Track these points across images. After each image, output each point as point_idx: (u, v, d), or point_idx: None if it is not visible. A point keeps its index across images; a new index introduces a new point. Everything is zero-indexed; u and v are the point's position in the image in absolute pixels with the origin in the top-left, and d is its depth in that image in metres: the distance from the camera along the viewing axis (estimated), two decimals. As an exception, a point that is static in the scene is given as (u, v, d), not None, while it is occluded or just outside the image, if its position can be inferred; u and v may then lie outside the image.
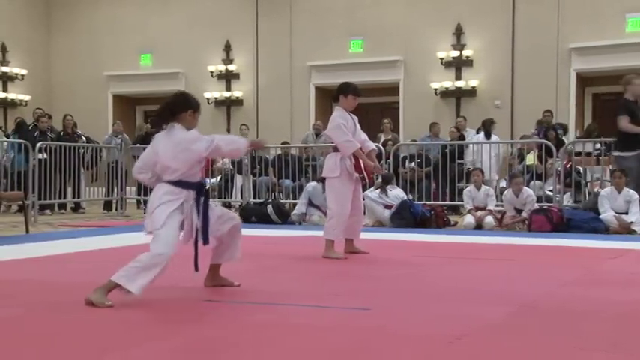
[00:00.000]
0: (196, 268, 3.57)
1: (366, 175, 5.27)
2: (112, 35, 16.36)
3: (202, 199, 3.50)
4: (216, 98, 15.56)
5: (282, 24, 15.05)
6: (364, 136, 5.47)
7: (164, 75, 15.79)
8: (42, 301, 3.49)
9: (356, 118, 5.48)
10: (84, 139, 11.73)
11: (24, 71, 16.16)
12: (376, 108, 14.96)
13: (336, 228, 5.24)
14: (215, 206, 3.70)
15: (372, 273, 4.59)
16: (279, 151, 11.59)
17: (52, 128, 11.50)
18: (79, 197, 11.37)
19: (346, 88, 5.37)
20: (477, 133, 11.72)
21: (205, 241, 3.52)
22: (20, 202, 9.40)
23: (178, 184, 3.47)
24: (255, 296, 3.63)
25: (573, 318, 3.12)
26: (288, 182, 10.87)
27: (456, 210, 9.96)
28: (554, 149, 9.31)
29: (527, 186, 9.07)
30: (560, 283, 4.16)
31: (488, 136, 11.40)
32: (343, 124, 5.24)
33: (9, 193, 9.26)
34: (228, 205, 11.67)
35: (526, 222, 8.18)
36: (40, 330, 2.87)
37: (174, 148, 3.46)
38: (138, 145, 11.85)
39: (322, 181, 9.30)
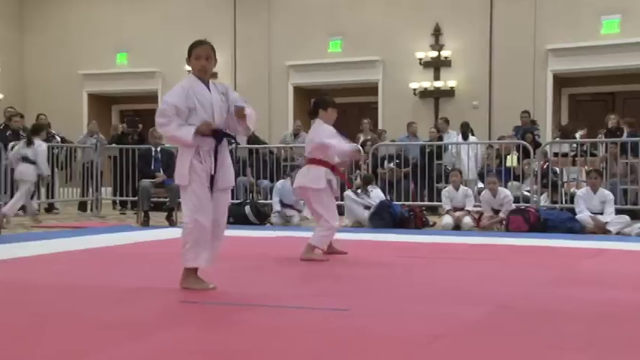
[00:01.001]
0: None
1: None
2: (88, 33, 16.20)
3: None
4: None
5: (260, 23, 15.03)
6: None
7: (140, 74, 15.68)
8: (15, 304, 3.44)
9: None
10: (58, 138, 11.59)
11: (-4, 69, 15.95)
12: (355, 108, 15.00)
13: (328, 237, 5.32)
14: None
15: (351, 273, 4.59)
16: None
17: (24, 128, 11.34)
18: (52, 197, 11.24)
19: (325, 103, 5.36)
20: (458, 134, 11.80)
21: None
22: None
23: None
24: (232, 297, 3.62)
25: (550, 318, 3.15)
26: (266, 182, 10.85)
27: (435, 210, 10.02)
28: (531, 150, 9.41)
29: (505, 186, 9.15)
30: (538, 283, 4.20)
31: (465, 138, 11.50)
32: (332, 144, 5.23)
33: (-19, 193, 9.11)
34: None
35: (504, 222, 8.25)
36: (14, 333, 2.82)
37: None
38: (113, 144, 11.76)
39: (288, 176, 9.43)
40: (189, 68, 3.96)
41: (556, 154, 10.17)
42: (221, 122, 3.78)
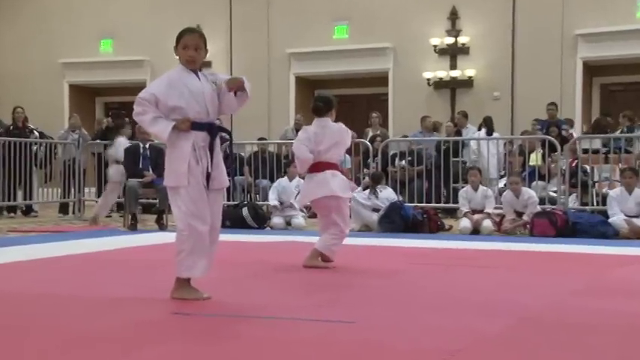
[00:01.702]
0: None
1: None
2: (68, 19, 16.25)
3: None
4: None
5: (258, 6, 15.05)
6: None
7: (127, 63, 15.73)
8: (-10, 316, 3.46)
9: None
10: (36, 134, 11.62)
11: (-32, 59, 16.01)
12: (363, 100, 15.03)
13: (338, 245, 5.35)
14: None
15: (358, 282, 4.61)
16: (255, 148, 11.58)
17: (0, 122, 11.40)
18: (30, 199, 11.28)
19: (334, 103, 5.46)
20: (479, 129, 11.77)
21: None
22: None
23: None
24: (228, 308, 3.63)
25: (578, 331, 3.16)
26: (265, 182, 10.87)
27: (451, 213, 10.03)
28: (558, 146, 9.40)
29: (529, 186, 9.14)
30: (565, 293, 4.21)
31: (490, 133, 11.48)
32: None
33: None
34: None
35: (527, 226, 8.25)
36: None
37: None
38: (98, 140, 11.79)
39: (285, 172, 9.47)
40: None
41: (586, 151, 10.15)
42: (214, 114, 3.81)
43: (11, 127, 11.40)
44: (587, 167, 9.72)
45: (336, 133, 5.35)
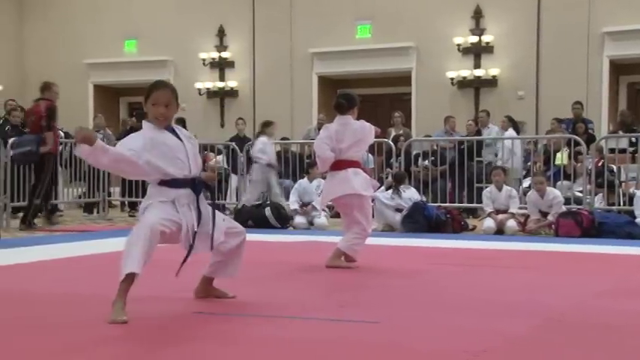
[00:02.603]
0: (177, 274, 3.57)
1: None
2: (93, 20, 16.39)
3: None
4: (208, 89, 15.58)
5: (281, 7, 15.07)
6: None
7: (151, 63, 15.82)
8: (15, 314, 3.50)
9: None
10: (62, 134, 11.73)
11: (-6, 59, 16.21)
12: (386, 100, 14.99)
13: (360, 247, 5.33)
14: (223, 218, 3.73)
15: (381, 283, 4.60)
16: (278, 148, 11.60)
17: (25, 122, 11.51)
18: (56, 199, 11.38)
19: (357, 101, 5.46)
20: (506, 128, 11.71)
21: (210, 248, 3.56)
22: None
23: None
24: (251, 308, 3.64)
25: (604, 332, 3.13)
26: (288, 182, 10.89)
27: (475, 213, 9.97)
28: (584, 145, 9.31)
29: (554, 186, 9.07)
30: (591, 295, 4.16)
31: (517, 133, 11.42)
32: None
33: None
34: (222, 208, 11.69)
35: (552, 226, 8.18)
36: (13, 346, 2.88)
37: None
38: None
39: (307, 173, 9.48)
40: (204, 56, 3.93)
41: (612, 150, 10.04)
42: (197, 170, 3.56)
43: (37, 128, 11.51)
44: (614, 167, 9.62)
45: (358, 131, 5.33)
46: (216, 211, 3.60)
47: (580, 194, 9.27)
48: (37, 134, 8.92)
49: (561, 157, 10.10)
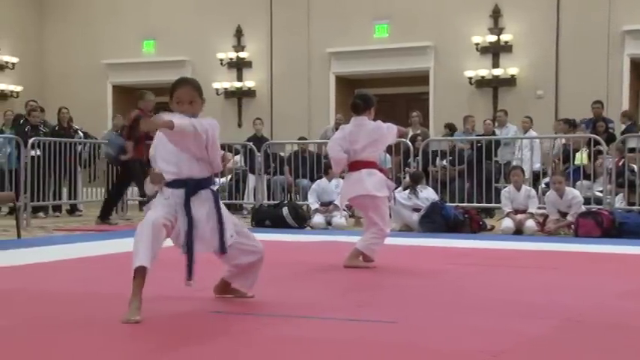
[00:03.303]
0: (188, 279, 3.52)
1: None
2: (112, 20, 16.49)
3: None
4: (225, 89, 15.62)
5: (299, 7, 15.08)
6: None
7: (169, 63, 15.89)
8: (34, 313, 3.54)
9: None
10: (81, 134, 11.84)
11: (15, 59, 16.35)
12: (403, 99, 14.95)
13: (379, 245, 5.33)
14: (241, 227, 3.68)
15: (399, 283, 4.59)
16: (295, 148, 11.62)
17: (45, 122, 11.62)
18: (75, 198, 11.49)
19: (373, 102, 5.44)
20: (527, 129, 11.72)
21: (223, 250, 3.52)
22: (11, 204, 9.53)
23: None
24: (268, 308, 3.65)
25: (624, 334, 3.10)
26: (305, 182, 10.89)
27: (489, 212, 9.93)
28: (604, 144, 9.23)
29: (574, 186, 9.00)
30: (610, 295, 4.13)
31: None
32: None
33: (-1, 193, 9.38)
34: (239, 207, 11.72)
35: (572, 226, 8.12)
36: (32, 346, 2.90)
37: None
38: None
39: (326, 173, 9.47)
40: (222, 57, 3.93)
41: (632, 150, 9.95)
42: (198, 170, 3.50)
43: (56, 128, 11.63)
44: (635, 166, 9.53)
45: (373, 132, 5.31)
46: (227, 217, 3.56)
47: (600, 194, 9.20)
48: (128, 140, 9.24)
49: (581, 157, 10.03)
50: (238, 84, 15.58)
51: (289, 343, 2.90)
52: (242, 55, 15.52)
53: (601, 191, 9.25)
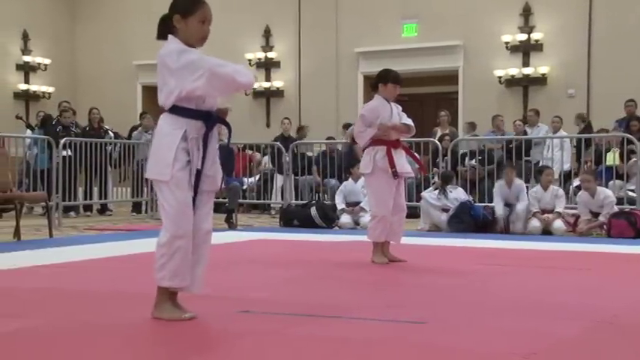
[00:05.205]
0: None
1: (397, 170, 5.26)
2: (142, 21, 16.60)
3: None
4: (254, 89, 15.66)
5: (327, 6, 15.08)
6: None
7: (197, 64, 15.97)
8: (65, 312, 3.57)
9: (399, 108, 5.58)
10: (111, 134, 11.96)
11: (47, 61, 16.58)
12: (432, 99, 14.88)
13: (376, 229, 5.34)
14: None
15: (428, 282, 4.56)
16: (323, 148, 11.62)
17: (76, 123, 11.76)
18: (105, 198, 11.60)
19: (386, 76, 5.48)
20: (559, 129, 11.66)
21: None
22: (43, 204, 9.66)
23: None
24: (295, 307, 3.64)
25: (659, 336, 3.04)
26: (333, 182, 10.88)
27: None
28: (637, 143, 9.09)
29: (606, 186, 8.88)
30: (644, 297, 4.06)
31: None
32: (365, 115, 5.42)
33: (31, 193, 9.50)
34: (267, 207, 11.76)
35: (604, 227, 8.01)
36: (62, 344, 2.93)
37: None
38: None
39: (348, 173, 9.46)
40: (250, 57, 3.94)
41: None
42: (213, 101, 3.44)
43: (87, 128, 11.77)
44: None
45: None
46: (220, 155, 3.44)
47: (633, 194, 9.05)
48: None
49: (613, 157, 9.88)
50: (267, 84, 15.63)
51: (317, 343, 2.89)
52: (270, 55, 15.56)
53: (634, 191, 9.10)
